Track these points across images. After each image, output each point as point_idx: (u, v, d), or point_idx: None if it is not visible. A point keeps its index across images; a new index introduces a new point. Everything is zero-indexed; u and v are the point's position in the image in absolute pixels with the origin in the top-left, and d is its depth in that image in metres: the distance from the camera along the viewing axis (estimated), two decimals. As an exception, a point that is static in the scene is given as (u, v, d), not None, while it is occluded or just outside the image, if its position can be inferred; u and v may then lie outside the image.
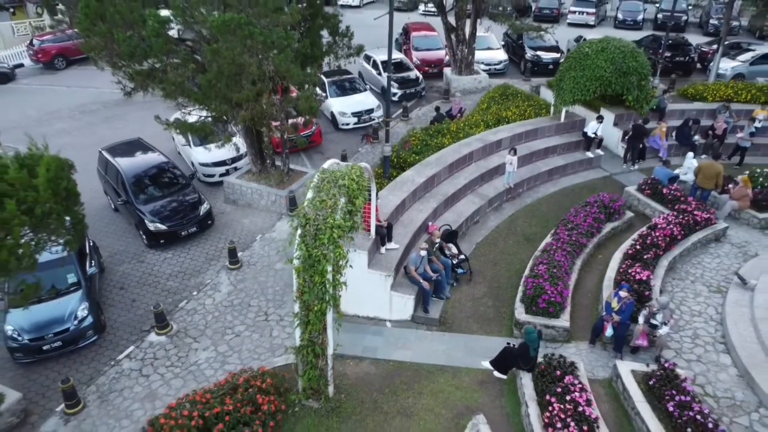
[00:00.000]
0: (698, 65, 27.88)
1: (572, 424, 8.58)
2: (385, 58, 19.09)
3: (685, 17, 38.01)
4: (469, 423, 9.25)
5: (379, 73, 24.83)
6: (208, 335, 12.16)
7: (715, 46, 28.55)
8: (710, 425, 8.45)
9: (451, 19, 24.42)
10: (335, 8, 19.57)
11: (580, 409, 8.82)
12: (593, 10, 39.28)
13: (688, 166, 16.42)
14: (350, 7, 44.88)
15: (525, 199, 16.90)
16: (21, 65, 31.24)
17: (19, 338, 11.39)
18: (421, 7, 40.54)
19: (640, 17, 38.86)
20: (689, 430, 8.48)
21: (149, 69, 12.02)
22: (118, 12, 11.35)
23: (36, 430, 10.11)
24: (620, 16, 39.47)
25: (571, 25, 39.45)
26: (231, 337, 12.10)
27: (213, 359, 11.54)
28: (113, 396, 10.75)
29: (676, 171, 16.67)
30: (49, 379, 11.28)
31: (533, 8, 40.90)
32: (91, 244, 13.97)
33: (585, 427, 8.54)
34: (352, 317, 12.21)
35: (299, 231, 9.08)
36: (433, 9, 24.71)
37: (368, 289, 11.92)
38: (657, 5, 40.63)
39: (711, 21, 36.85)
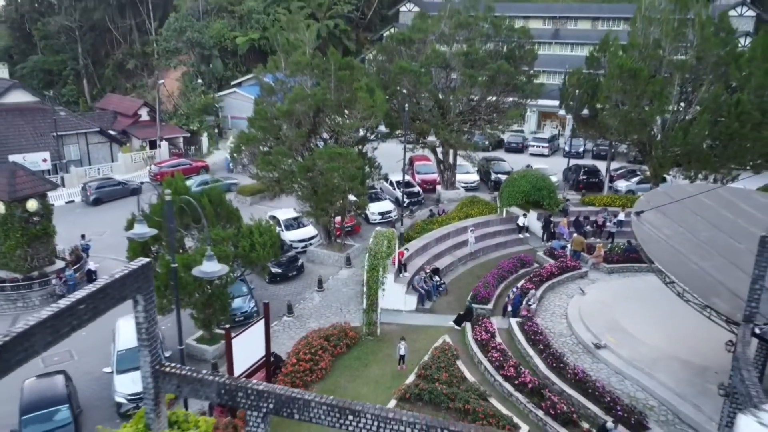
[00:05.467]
0: (606, 184, 41.29)
1: (483, 332, 20.52)
2: (398, 179, 32.36)
3: (614, 149, 52.25)
4: (440, 337, 21.13)
5: (394, 189, 38.23)
6: (314, 317, 24.18)
7: (619, 171, 42.36)
8: (539, 330, 20.39)
9: (440, 154, 38.20)
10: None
11: (488, 328, 20.79)
12: (547, 144, 53.84)
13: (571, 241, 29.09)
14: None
15: (480, 259, 29.33)
16: (142, 183, 45.01)
17: (224, 315, 23.46)
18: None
19: (581, 149, 53.21)
20: (530, 334, 20.39)
21: (290, 187, 25.19)
22: (278, 160, 24.66)
23: (243, 349, 21.96)
24: (567, 148, 53.90)
25: (532, 155, 53.71)
26: (325, 318, 24.10)
27: (318, 326, 23.45)
28: (273, 338, 22.62)
29: (566, 244, 29.23)
30: (239, 334, 23.17)
31: (505, 142, 55.63)
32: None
33: (489, 334, 20.47)
34: (384, 309, 24.16)
35: (368, 254, 21.59)
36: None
37: (394, 294, 23.98)
38: (595, 142, 55.18)
39: (632, 152, 50.99)
